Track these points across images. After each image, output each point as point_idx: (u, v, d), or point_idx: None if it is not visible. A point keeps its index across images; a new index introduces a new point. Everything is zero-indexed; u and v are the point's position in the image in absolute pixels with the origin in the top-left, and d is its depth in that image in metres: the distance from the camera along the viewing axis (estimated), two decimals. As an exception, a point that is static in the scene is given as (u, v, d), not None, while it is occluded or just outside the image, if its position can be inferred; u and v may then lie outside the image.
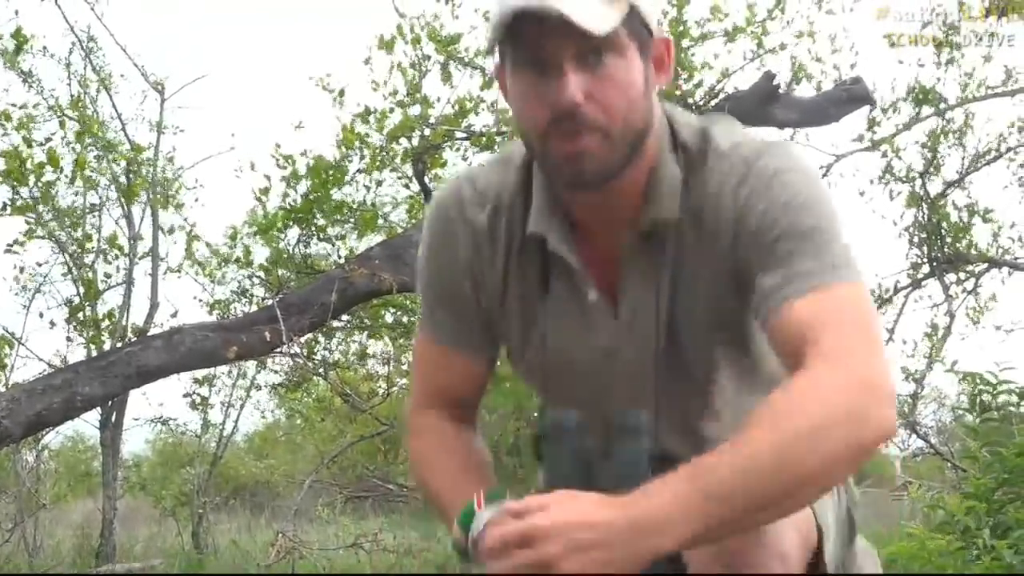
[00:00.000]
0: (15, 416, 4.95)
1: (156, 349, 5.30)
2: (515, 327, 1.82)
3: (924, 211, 7.53)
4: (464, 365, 1.92)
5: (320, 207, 5.57)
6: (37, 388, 5.11)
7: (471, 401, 1.97)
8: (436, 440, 1.94)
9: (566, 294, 1.75)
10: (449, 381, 1.94)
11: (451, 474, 1.87)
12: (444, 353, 1.91)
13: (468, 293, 1.84)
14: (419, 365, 2.02)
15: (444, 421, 1.93)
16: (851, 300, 1.58)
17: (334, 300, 5.21)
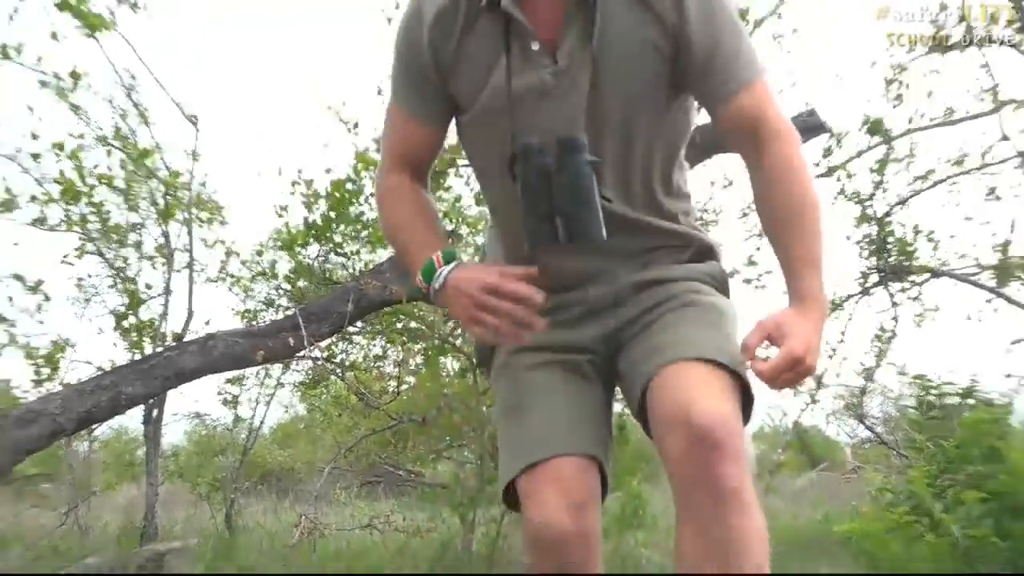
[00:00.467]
0: (68, 413, 4.94)
1: (192, 353, 5.29)
2: (471, 80, 2.02)
3: (873, 228, 7.56)
4: (421, 132, 2.17)
5: (340, 223, 5.56)
6: (87, 388, 5.11)
7: (425, 164, 2.26)
8: (400, 198, 2.21)
9: (517, 48, 1.96)
10: (409, 146, 2.21)
11: (413, 229, 2.17)
12: (406, 121, 2.17)
13: (427, 68, 2.04)
14: (387, 134, 2.27)
15: (405, 181, 2.21)
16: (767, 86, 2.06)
17: (350, 309, 5.21)
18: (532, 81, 1.96)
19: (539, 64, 1.95)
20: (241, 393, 6.44)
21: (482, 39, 1.98)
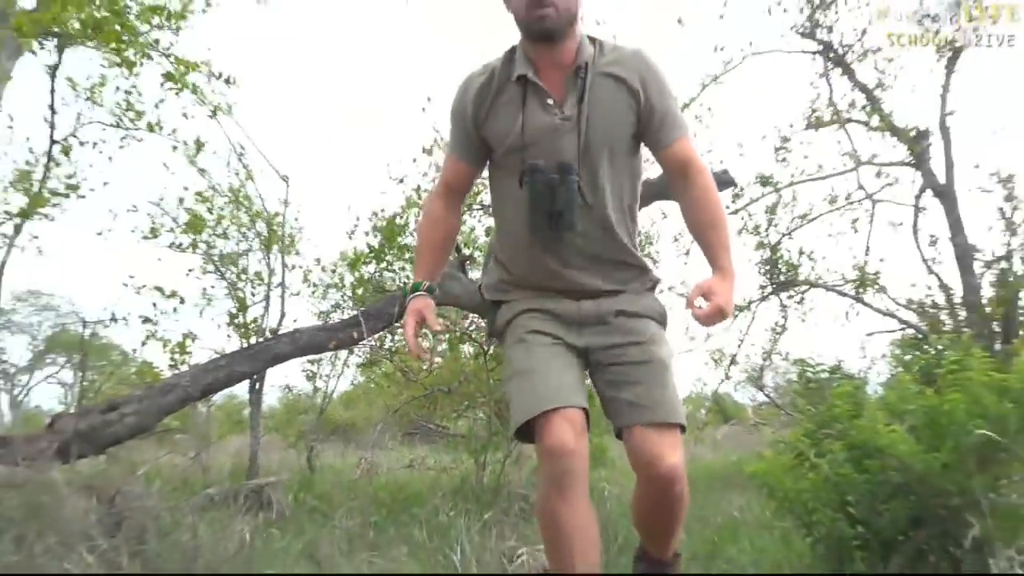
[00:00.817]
0: (195, 384, 4.95)
1: (284, 342, 5.29)
2: (501, 125, 2.23)
3: (767, 253, 7.58)
4: (462, 168, 2.38)
5: (390, 249, 5.56)
6: (209, 367, 5.11)
7: (463, 191, 2.47)
8: (432, 225, 2.43)
9: (535, 103, 2.19)
10: (454, 178, 2.41)
11: (423, 254, 2.45)
12: (454, 161, 2.38)
13: (468, 123, 2.28)
14: (442, 169, 2.47)
15: (443, 207, 2.42)
16: (691, 139, 2.31)
17: (396, 311, 5.21)
18: (548, 123, 2.17)
19: (552, 112, 2.18)
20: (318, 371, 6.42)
21: (509, 99, 2.23)
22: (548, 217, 2.15)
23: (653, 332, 2.26)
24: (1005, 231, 7.08)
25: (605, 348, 2.21)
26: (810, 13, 7.66)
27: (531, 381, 2.11)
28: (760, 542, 3.69)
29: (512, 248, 2.32)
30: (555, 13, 2.10)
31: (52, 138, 4.89)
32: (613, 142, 2.19)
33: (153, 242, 5.89)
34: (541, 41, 2.16)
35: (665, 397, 2.13)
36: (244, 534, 3.56)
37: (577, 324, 2.24)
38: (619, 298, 2.28)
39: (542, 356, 2.17)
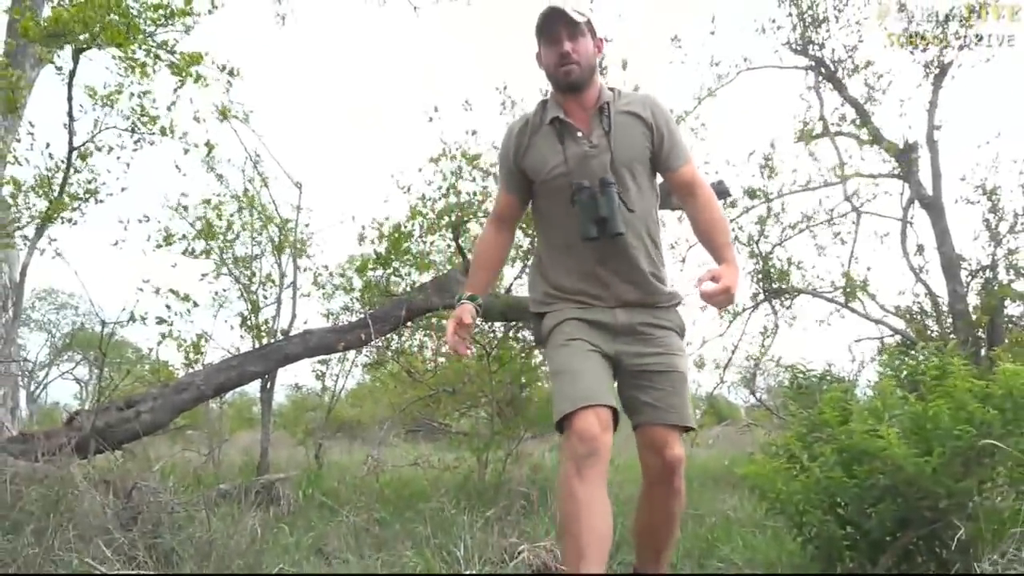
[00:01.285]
0: (209, 383, 4.97)
1: (295, 343, 5.31)
2: (539, 157, 2.59)
3: (759, 262, 7.58)
4: (510, 199, 2.73)
5: (396, 255, 5.56)
6: (222, 367, 5.13)
7: (513, 219, 2.78)
8: (486, 245, 2.77)
9: (569, 139, 2.55)
10: (503, 207, 2.75)
11: (476, 270, 2.78)
12: (503, 193, 2.74)
13: (511, 161, 2.67)
14: (495, 202, 2.82)
15: (496, 232, 2.76)
16: (693, 162, 2.67)
17: (402, 314, 5.22)
18: (580, 152, 2.54)
19: (582, 143, 2.55)
20: (327, 370, 6.42)
21: (544, 137, 2.60)
22: (596, 224, 2.47)
23: (675, 344, 2.57)
24: (990, 241, 7.11)
25: (633, 355, 2.49)
26: (802, 30, 7.68)
27: (571, 380, 2.37)
28: (753, 541, 3.69)
29: (561, 262, 2.63)
30: (578, 68, 2.54)
31: (71, 144, 4.88)
32: (634, 164, 2.55)
33: (166, 249, 5.92)
34: (568, 91, 2.58)
35: (681, 404, 2.46)
36: (255, 528, 3.56)
37: (612, 333, 2.51)
38: (649, 311, 2.56)
39: (581, 360, 2.42)
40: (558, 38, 2.53)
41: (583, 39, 2.55)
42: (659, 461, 2.41)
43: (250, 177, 5.93)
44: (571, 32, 2.53)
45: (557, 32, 2.53)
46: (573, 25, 2.52)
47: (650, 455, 2.43)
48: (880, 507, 3.00)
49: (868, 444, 3.02)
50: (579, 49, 2.53)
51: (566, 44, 2.52)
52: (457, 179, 5.39)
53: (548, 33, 2.55)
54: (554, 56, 2.54)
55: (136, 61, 4.60)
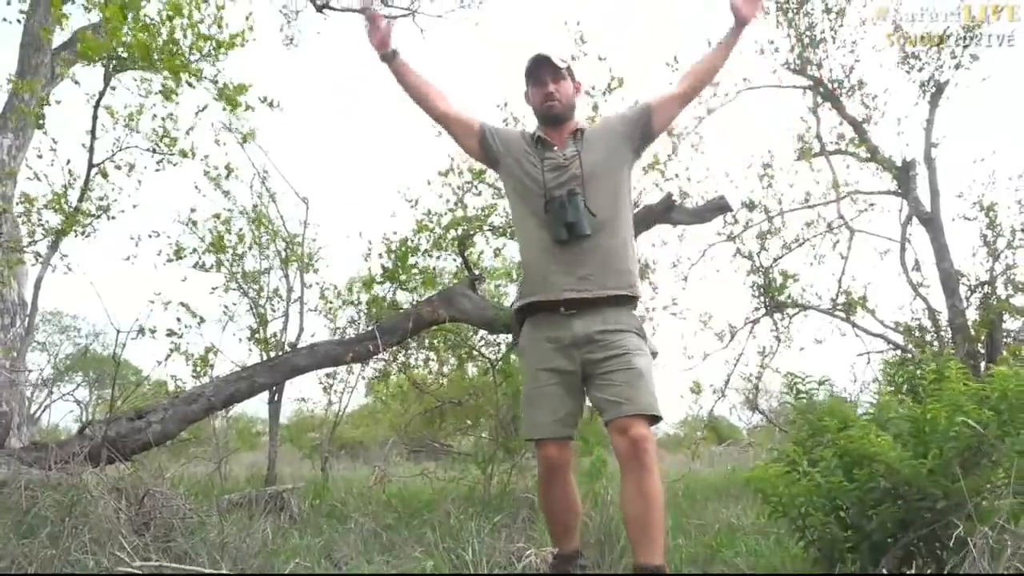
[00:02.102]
0: (218, 395, 5.03)
1: (303, 355, 5.37)
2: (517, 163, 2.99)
3: (760, 276, 7.65)
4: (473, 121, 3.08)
5: (403, 269, 5.63)
6: (231, 378, 5.19)
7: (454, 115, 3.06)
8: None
9: (548, 153, 2.96)
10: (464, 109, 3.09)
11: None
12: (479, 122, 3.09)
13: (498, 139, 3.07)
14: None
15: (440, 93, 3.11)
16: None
17: (409, 326, 5.29)
18: (553, 163, 2.95)
19: (557, 156, 2.96)
20: (333, 385, 6.46)
21: (527, 148, 3.01)
22: (565, 227, 2.83)
23: (633, 344, 2.81)
24: (988, 257, 7.19)
25: (594, 363, 2.79)
26: (800, 51, 7.81)
27: (536, 413, 2.83)
28: (756, 546, 3.74)
29: (535, 264, 2.92)
30: (560, 105, 3.00)
31: (91, 162, 4.99)
32: (602, 175, 2.92)
33: (176, 264, 6.00)
34: (551, 124, 3.03)
35: (639, 395, 2.71)
36: (267, 532, 3.63)
37: (573, 347, 2.82)
38: (606, 316, 2.84)
39: (543, 392, 2.83)
40: (543, 80, 3.00)
41: (564, 82, 3.03)
42: (625, 441, 2.66)
43: (258, 192, 6.03)
44: (554, 75, 3.01)
45: (543, 75, 3.01)
46: (556, 70, 3.01)
47: (617, 439, 2.69)
48: (880, 509, 3.05)
49: (865, 448, 3.09)
50: (561, 90, 3.01)
51: (550, 85, 3.00)
52: (464, 193, 5.48)
53: (535, 76, 3.03)
54: (540, 95, 3.01)
55: (166, 87, 4.71)
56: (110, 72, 4.65)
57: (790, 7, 7.71)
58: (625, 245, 2.93)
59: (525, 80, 3.08)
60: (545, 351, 2.85)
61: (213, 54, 4.75)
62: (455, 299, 5.22)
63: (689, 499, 5.43)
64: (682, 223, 5.85)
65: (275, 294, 6.28)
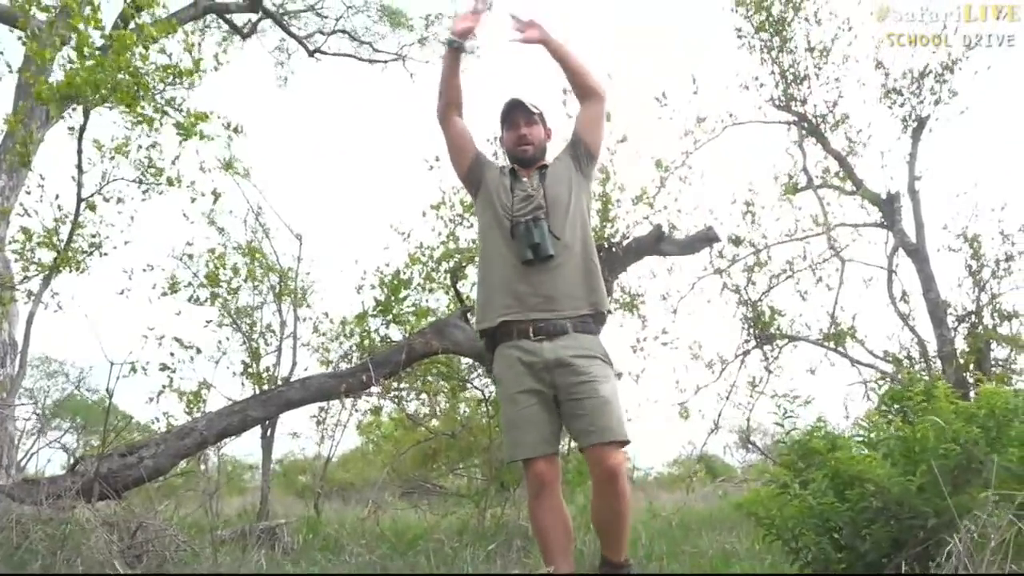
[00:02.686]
0: (211, 428, 5.02)
1: (296, 389, 5.36)
2: (493, 190, 3.22)
3: (748, 309, 7.71)
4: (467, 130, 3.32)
5: (396, 303, 5.66)
6: (224, 412, 5.18)
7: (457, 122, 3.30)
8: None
9: (516, 184, 3.22)
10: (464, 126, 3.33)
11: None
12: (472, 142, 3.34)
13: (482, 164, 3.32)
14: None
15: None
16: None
17: (403, 358, 5.30)
18: (522, 193, 3.19)
19: (525, 187, 3.21)
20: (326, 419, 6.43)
21: (501, 179, 3.26)
22: (530, 248, 3.04)
23: (599, 372, 3.00)
24: (974, 287, 7.30)
25: (564, 388, 2.98)
26: (784, 87, 8.00)
27: (522, 434, 2.98)
28: (751, 569, 3.75)
29: (501, 277, 3.11)
30: (532, 148, 3.28)
31: (79, 196, 5.04)
32: (562, 202, 3.17)
33: (171, 297, 6.04)
34: (522, 166, 3.28)
35: (610, 424, 2.91)
36: (260, 564, 3.62)
37: (545, 370, 2.99)
38: (573, 340, 3.02)
39: (525, 414, 2.98)
40: (517, 124, 3.28)
41: (536, 127, 3.30)
42: (601, 470, 2.90)
43: (253, 228, 6.09)
44: (527, 119, 3.28)
45: (516, 118, 3.28)
46: (529, 114, 3.28)
47: (594, 467, 2.94)
48: (873, 529, 3.08)
49: (853, 467, 3.13)
50: (533, 133, 3.28)
51: (523, 128, 3.27)
52: (456, 226, 5.56)
53: (509, 119, 3.30)
54: (513, 138, 3.28)
55: (144, 116, 4.81)
56: (88, 107, 4.72)
57: (773, 46, 7.91)
58: (588, 266, 3.16)
59: (500, 123, 3.35)
60: (520, 375, 3.01)
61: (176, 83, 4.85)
62: (447, 330, 5.25)
63: (684, 529, 5.42)
64: (671, 254, 5.91)
65: (268, 329, 6.30)
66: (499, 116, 3.34)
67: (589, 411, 2.92)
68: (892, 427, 3.36)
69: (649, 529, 4.99)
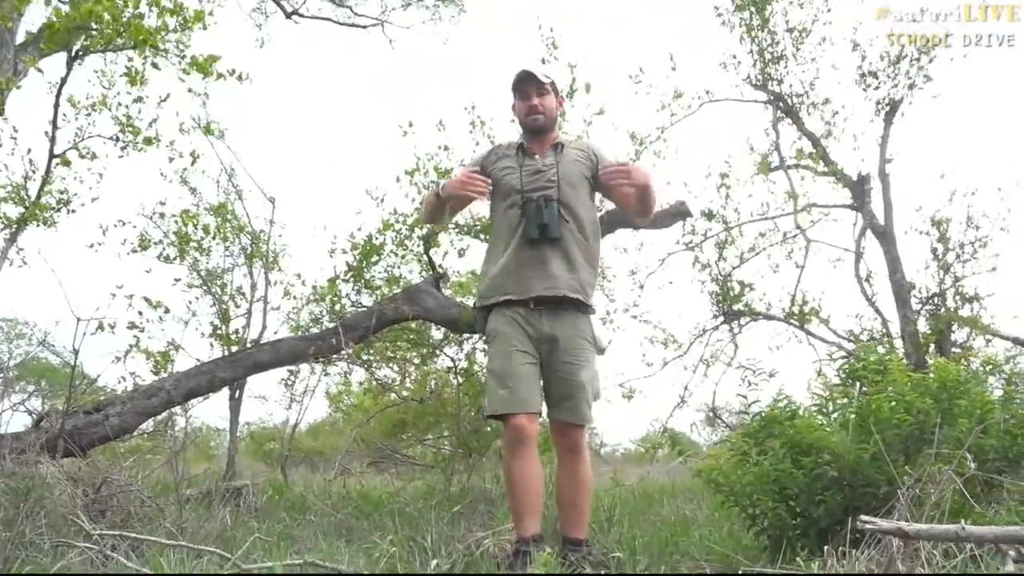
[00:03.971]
0: (178, 388, 5.03)
1: (265, 351, 5.39)
2: (503, 170, 3.32)
3: (717, 285, 7.80)
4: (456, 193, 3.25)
5: (368, 266, 5.65)
6: (192, 373, 5.19)
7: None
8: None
9: (527, 159, 3.33)
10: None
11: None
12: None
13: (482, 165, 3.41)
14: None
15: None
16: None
17: (372, 323, 5.32)
18: (532, 168, 3.29)
19: (536, 163, 3.31)
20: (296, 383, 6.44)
21: (511, 157, 3.37)
22: (538, 228, 3.13)
23: (584, 356, 3.18)
24: (939, 270, 7.45)
25: (551, 363, 3.15)
26: (762, 67, 8.04)
27: (510, 386, 3.06)
28: (709, 536, 3.84)
29: (507, 261, 3.20)
30: (543, 118, 3.33)
31: (52, 152, 4.98)
32: (575, 185, 3.25)
33: (141, 255, 5.99)
34: (534, 135, 3.36)
35: (579, 408, 3.14)
36: (225, 520, 3.65)
37: (540, 341, 3.15)
38: (567, 319, 3.18)
39: (518, 369, 3.08)
40: (528, 94, 3.32)
41: (548, 96, 3.35)
42: (565, 441, 3.18)
43: (226, 190, 6.05)
44: (539, 90, 3.32)
45: (528, 89, 3.32)
46: (540, 85, 3.32)
47: (558, 436, 3.21)
48: (827, 496, 3.18)
49: (810, 436, 3.22)
50: (544, 103, 3.33)
51: (535, 99, 3.31)
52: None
53: (521, 90, 3.34)
54: (525, 108, 3.33)
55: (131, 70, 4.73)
56: (72, 58, 4.64)
57: (753, 25, 7.94)
58: (591, 255, 3.28)
59: (512, 93, 3.39)
60: (519, 333, 3.14)
61: (179, 29, 4.77)
62: (419, 297, 5.28)
63: (646, 499, 5.53)
64: (642, 228, 5.95)
65: (238, 291, 6.28)
66: (510, 86, 3.38)
67: (566, 390, 3.13)
68: (847, 398, 3.46)
69: (612, 496, 5.07)
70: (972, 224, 7.40)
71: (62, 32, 4.44)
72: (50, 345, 6.13)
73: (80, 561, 2.74)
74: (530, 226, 3.14)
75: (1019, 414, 3.28)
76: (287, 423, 7.26)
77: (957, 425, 3.05)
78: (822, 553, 3.04)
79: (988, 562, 2.26)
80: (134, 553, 2.85)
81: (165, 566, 2.36)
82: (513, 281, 3.19)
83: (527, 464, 3.05)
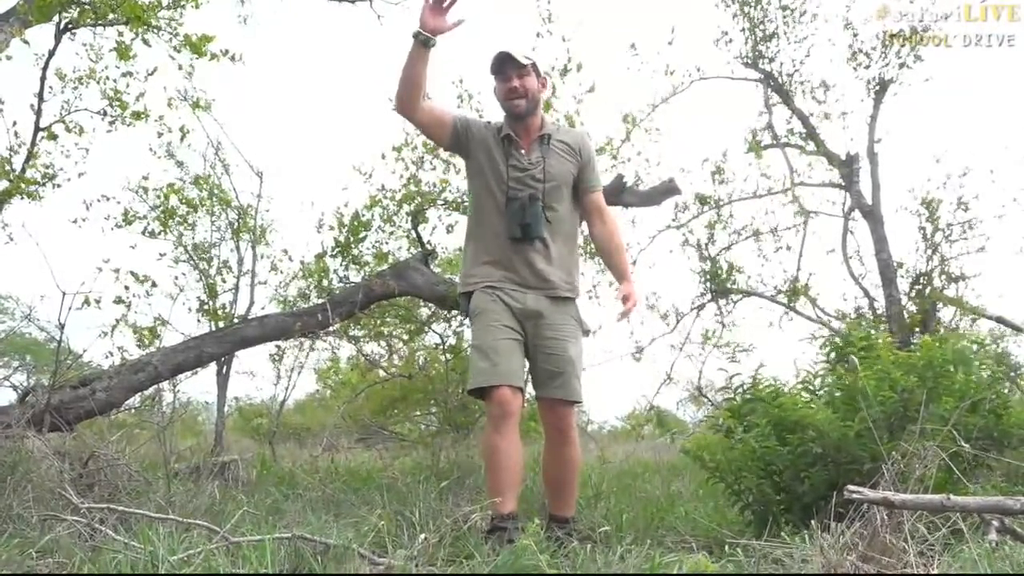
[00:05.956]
0: (165, 364, 5.01)
1: (252, 326, 5.38)
2: (486, 158, 3.23)
3: (707, 264, 7.81)
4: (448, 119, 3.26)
5: (355, 242, 5.63)
6: (179, 348, 5.18)
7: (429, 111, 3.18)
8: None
9: (514, 152, 3.23)
10: (441, 108, 3.29)
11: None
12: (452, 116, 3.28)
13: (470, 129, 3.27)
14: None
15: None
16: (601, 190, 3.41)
17: (360, 299, 5.32)
18: (518, 164, 3.21)
19: (523, 158, 3.23)
20: (283, 358, 6.42)
21: (496, 145, 3.24)
22: (520, 227, 3.12)
23: (570, 332, 3.19)
24: (927, 250, 7.50)
25: (537, 337, 3.15)
26: (753, 44, 8.01)
27: (494, 360, 3.02)
28: (695, 513, 3.88)
29: (489, 251, 3.20)
30: (524, 101, 3.20)
31: (37, 125, 4.91)
32: (560, 185, 3.22)
33: (126, 231, 5.95)
34: (516, 119, 3.23)
35: (570, 384, 3.12)
36: (214, 495, 3.66)
37: (525, 315, 3.13)
38: (553, 301, 3.18)
39: (502, 344, 3.05)
40: (508, 76, 3.19)
41: (528, 77, 3.21)
42: (553, 417, 3.16)
43: (212, 164, 6.00)
44: (519, 71, 3.19)
45: (507, 71, 3.19)
46: (520, 66, 3.19)
47: (546, 413, 3.18)
48: (812, 472, 3.22)
49: (795, 413, 3.26)
50: (525, 85, 3.19)
51: (514, 81, 3.18)
52: (418, 168, 5.53)
53: (500, 72, 3.21)
54: (504, 90, 3.20)
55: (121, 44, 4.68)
56: (61, 31, 4.57)
57: (747, 0, 7.89)
58: (572, 253, 3.31)
59: (492, 76, 3.25)
60: (503, 310, 3.12)
61: (172, 6, 4.72)
62: (407, 273, 5.27)
63: (632, 476, 5.57)
64: (633, 205, 5.95)
65: (225, 266, 6.25)
66: (489, 69, 3.23)
67: (555, 366, 3.12)
68: (833, 376, 3.49)
69: (599, 473, 5.11)
70: (962, 205, 7.44)
71: (54, 4, 4.37)
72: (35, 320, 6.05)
73: (68, 534, 2.73)
74: (513, 225, 3.13)
75: (1004, 395, 3.33)
76: (275, 399, 7.26)
77: (942, 403, 3.09)
78: (807, 528, 3.09)
79: (971, 536, 2.29)
80: (122, 527, 2.84)
81: (154, 539, 2.37)
82: (494, 271, 3.20)
83: (508, 441, 2.98)
